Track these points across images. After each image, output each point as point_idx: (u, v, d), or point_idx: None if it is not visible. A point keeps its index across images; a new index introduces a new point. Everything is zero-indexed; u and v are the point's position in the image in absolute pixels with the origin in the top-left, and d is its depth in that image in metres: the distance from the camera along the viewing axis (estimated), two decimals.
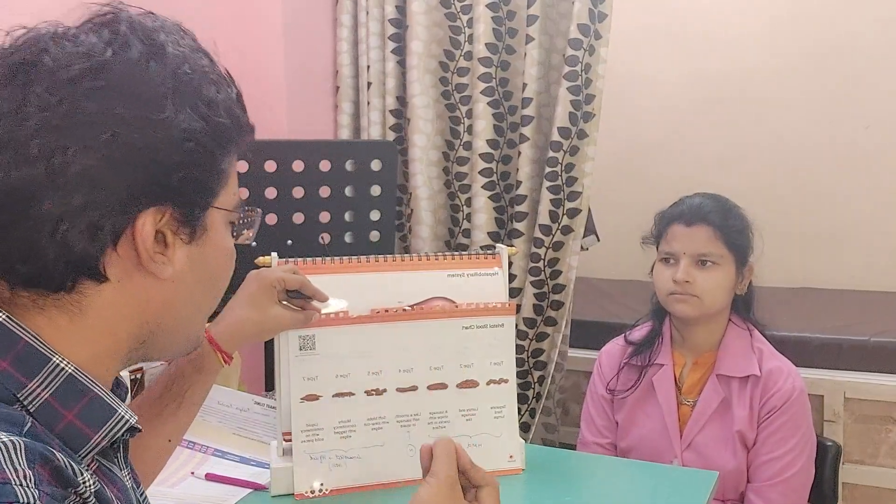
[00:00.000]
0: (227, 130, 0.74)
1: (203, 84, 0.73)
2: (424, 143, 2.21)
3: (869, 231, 3.20)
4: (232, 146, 0.76)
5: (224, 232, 0.78)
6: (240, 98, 0.78)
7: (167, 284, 0.73)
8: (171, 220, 0.71)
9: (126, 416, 0.72)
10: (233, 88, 0.77)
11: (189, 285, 0.75)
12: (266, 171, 1.76)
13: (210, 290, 0.79)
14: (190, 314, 0.78)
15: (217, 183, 0.75)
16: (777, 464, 1.63)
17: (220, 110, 0.73)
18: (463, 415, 1.37)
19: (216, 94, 0.73)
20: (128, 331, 0.73)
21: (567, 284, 2.15)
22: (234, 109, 0.76)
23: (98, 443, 0.69)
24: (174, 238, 0.72)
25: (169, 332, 0.76)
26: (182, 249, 0.73)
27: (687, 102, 3.40)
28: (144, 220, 0.69)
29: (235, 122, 0.75)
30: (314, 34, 2.27)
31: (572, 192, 2.09)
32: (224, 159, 0.75)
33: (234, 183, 0.79)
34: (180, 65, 0.71)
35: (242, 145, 0.78)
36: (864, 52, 3.15)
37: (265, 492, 1.32)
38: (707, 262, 1.65)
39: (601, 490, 1.41)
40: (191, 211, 0.72)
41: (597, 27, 2.02)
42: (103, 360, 0.72)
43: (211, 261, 0.77)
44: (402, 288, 1.37)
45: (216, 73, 0.76)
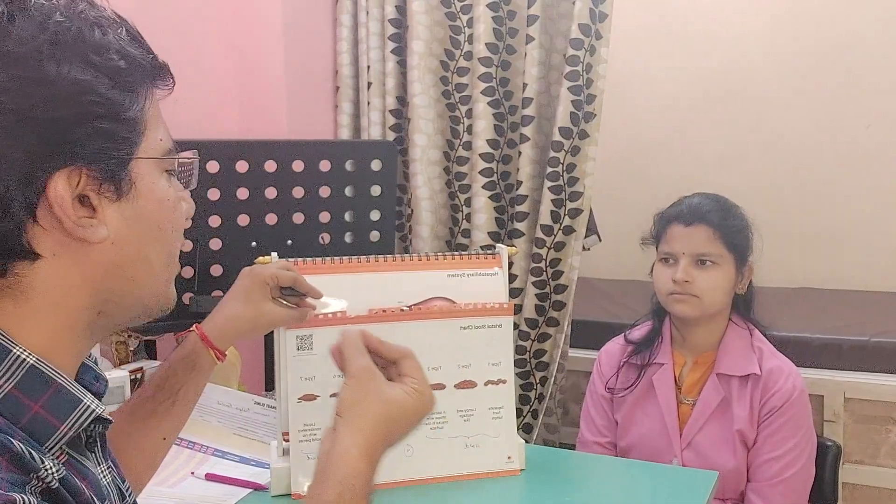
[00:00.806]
0: (125, 73, 0.69)
1: (84, 29, 0.67)
2: (425, 142, 2.21)
3: (869, 231, 3.19)
4: (139, 88, 0.71)
5: (159, 181, 0.74)
6: (135, 36, 0.73)
7: (106, 247, 0.70)
8: (90, 180, 0.67)
9: (92, 406, 0.70)
10: (122, 28, 0.71)
11: (131, 243, 0.71)
12: (266, 171, 1.76)
13: (158, 244, 0.75)
14: (143, 273, 0.74)
15: (132, 132, 0.70)
16: (777, 463, 1.63)
17: (110, 53, 0.68)
18: (461, 415, 1.37)
19: (102, 37, 0.68)
20: (79, 303, 0.70)
21: (569, 285, 2.14)
22: (129, 49, 0.70)
23: (65, 433, 0.68)
24: (99, 198, 0.68)
25: (126, 295, 0.73)
26: (111, 208, 0.69)
27: (687, 102, 3.40)
28: (56, 184, 0.65)
29: (133, 62, 0.70)
30: (314, 34, 2.27)
31: (574, 192, 2.09)
32: (132, 105, 0.70)
33: (156, 128, 0.74)
34: (49, 14, 0.66)
35: (155, 84, 0.74)
36: (864, 52, 3.15)
37: (265, 492, 1.32)
38: (706, 261, 1.65)
39: (601, 490, 1.41)
40: (108, 166, 0.68)
41: (597, 27, 2.02)
42: (62, 338, 0.70)
43: (149, 213, 0.73)
44: (401, 288, 1.37)
45: (99, 16, 0.70)
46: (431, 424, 1.36)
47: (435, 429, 1.36)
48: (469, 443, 1.37)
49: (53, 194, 0.65)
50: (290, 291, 1.22)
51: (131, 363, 1.65)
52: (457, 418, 1.37)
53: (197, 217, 1.73)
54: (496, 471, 1.37)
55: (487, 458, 1.37)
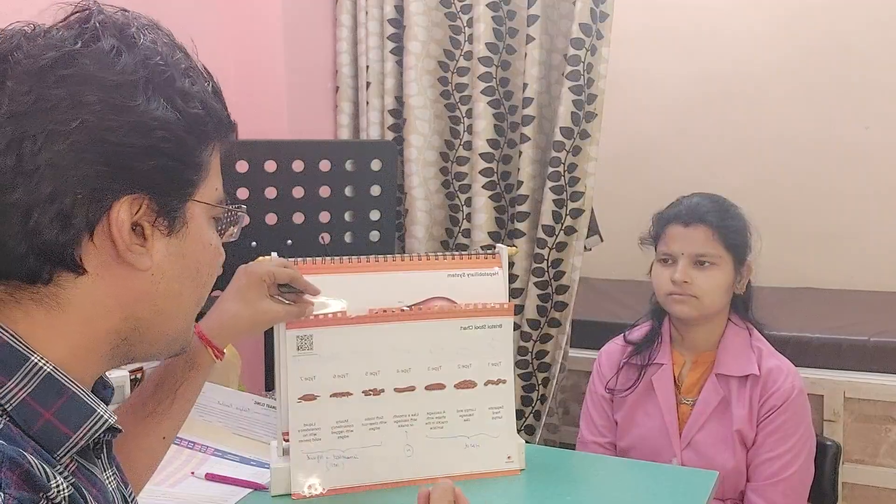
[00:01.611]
0: (202, 121, 0.73)
1: (177, 75, 0.72)
2: (421, 143, 2.21)
3: (869, 231, 3.19)
4: (209, 138, 0.75)
5: (206, 226, 0.77)
6: (217, 92, 0.78)
7: (146, 276, 0.72)
8: (148, 211, 0.70)
9: (105, 416, 0.71)
10: (210, 83, 0.76)
11: (169, 278, 0.74)
12: (266, 171, 1.76)
13: (193, 284, 0.77)
14: (173, 309, 0.76)
15: (195, 174, 0.74)
16: (776, 463, 1.63)
17: (194, 101, 0.72)
18: (461, 415, 1.37)
19: (191, 87, 0.73)
20: (108, 326, 0.72)
21: (570, 285, 2.14)
22: (211, 102, 0.75)
23: (77, 442, 0.68)
24: (152, 229, 0.71)
25: (152, 328, 0.75)
26: (161, 241, 0.72)
27: (688, 102, 3.40)
28: (119, 208, 0.68)
29: (212, 114, 0.75)
30: (314, 34, 2.27)
31: (575, 192, 2.09)
32: (201, 151, 0.74)
33: (215, 177, 0.78)
34: (152, 56, 0.71)
35: (223, 140, 0.78)
36: (864, 52, 3.15)
37: (265, 492, 1.32)
38: (705, 262, 1.65)
39: (601, 490, 1.41)
40: (168, 201, 0.72)
41: (598, 27, 2.02)
42: (82, 356, 0.71)
43: (192, 254, 0.76)
44: (402, 288, 1.37)
45: (191, 67, 0.75)
46: (432, 424, 1.36)
47: (435, 429, 1.36)
48: (469, 443, 1.37)
49: (115, 216, 0.68)
50: (288, 289, 1.22)
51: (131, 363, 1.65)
52: (457, 418, 1.37)
53: None
54: (496, 471, 1.37)
55: (487, 458, 1.37)
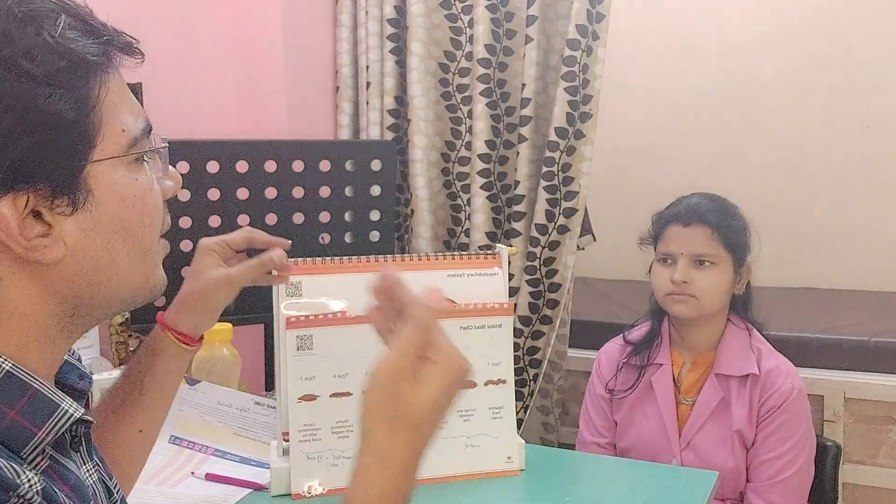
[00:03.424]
0: (66, 74, 0.61)
1: (11, 31, 0.59)
2: (425, 143, 2.21)
3: (869, 231, 3.19)
4: (88, 85, 0.63)
5: (121, 177, 0.67)
6: (82, 18, 0.64)
7: (65, 261, 0.64)
8: (40, 198, 0.61)
9: (70, 410, 0.67)
10: (61, 17, 0.62)
11: (92, 253, 0.66)
12: (266, 171, 1.76)
13: (125, 243, 0.68)
14: (110, 275, 0.68)
15: (82, 138, 0.63)
16: (776, 463, 1.63)
17: (45, 55, 0.60)
18: (461, 415, 1.37)
19: (35, 37, 0.60)
20: (46, 311, 0.66)
21: (563, 283, 2.15)
22: (71, 44, 0.62)
23: (43, 439, 0.64)
24: (52, 214, 0.62)
25: (97, 296, 0.68)
26: (68, 222, 0.63)
27: (686, 101, 3.40)
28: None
29: (78, 58, 0.62)
30: (314, 34, 2.27)
31: (569, 191, 2.09)
32: (80, 109, 0.62)
33: (117, 118, 0.66)
34: None
35: (113, 68, 0.66)
36: (864, 52, 3.15)
37: (265, 492, 1.32)
38: (704, 262, 1.65)
39: (601, 490, 1.41)
40: (59, 180, 0.62)
41: (595, 28, 2.03)
42: (32, 346, 0.66)
43: (112, 217, 0.66)
44: None
45: (30, 9, 0.61)
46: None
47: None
48: (469, 443, 1.37)
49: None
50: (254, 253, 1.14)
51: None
52: (457, 418, 1.36)
53: (197, 217, 1.74)
54: (496, 471, 1.37)
55: (487, 458, 1.37)
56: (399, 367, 0.74)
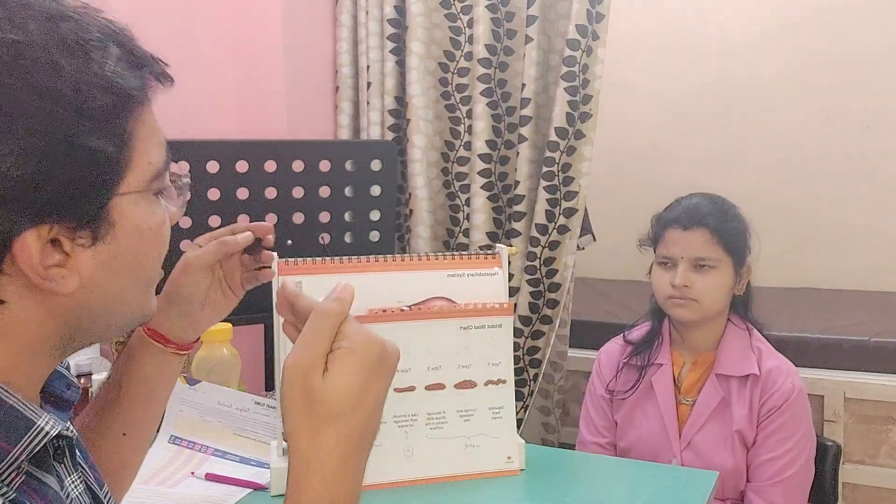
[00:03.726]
0: (110, 111, 0.60)
1: (61, 62, 0.57)
2: (424, 143, 2.21)
3: (869, 231, 3.20)
4: (124, 118, 0.62)
5: (142, 211, 0.66)
6: (127, 51, 0.62)
7: (75, 292, 0.63)
8: (63, 228, 0.60)
9: (46, 428, 0.63)
10: (111, 47, 0.61)
11: (104, 285, 0.65)
12: (266, 171, 1.76)
13: (135, 275, 0.68)
14: (117, 304, 0.68)
15: (113, 173, 0.62)
16: (777, 463, 1.63)
17: (92, 90, 0.59)
18: (461, 415, 1.37)
19: (83, 70, 0.58)
20: (44, 334, 0.65)
21: (563, 283, 2.15)
22: (115, 78, 0.60)
23: (17, 457, 0.61)
24: (72, 245, 0.61)
25: (97, 322, 0.67)
26: (85, 254, 0.62)
27: (687, 101, 3.40)
28: (23, 242, 0.58)
29: (121, 93, 0.61)
30: (314, 34, 2.27)
31: (569, 191, 2.09)
32: (117, 145, 0.61)
33: (146, 150, 0.64)
34: (22, 53, 0.56)
35: (149, 99, 0.65)
36: (864, 52, 3.15)
37: (265, 492, 1.32)
38: (705, 265, 1.65)
39: (601, 490, 1.41)
40: (85, 212, 0.61)
41: (594, 28, 2.03)
42: (22, 367, 0.64)
43: (127, 250, 0.65)
44: (402, 288, 1.37)
45: (83, 38, 0.59)
46: (431, 425, 1.36)
47: (435, 429, 1.36)
48: (469, 443, 1.36)
49: (20, 252, 0.58)
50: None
51: None
52: (457, 418, 1.36)
53: (197, 217, 1.74)
54: (496, 471, 1.37)
55: (487, 458, 1.37)
56: (307, 360, 0.69)
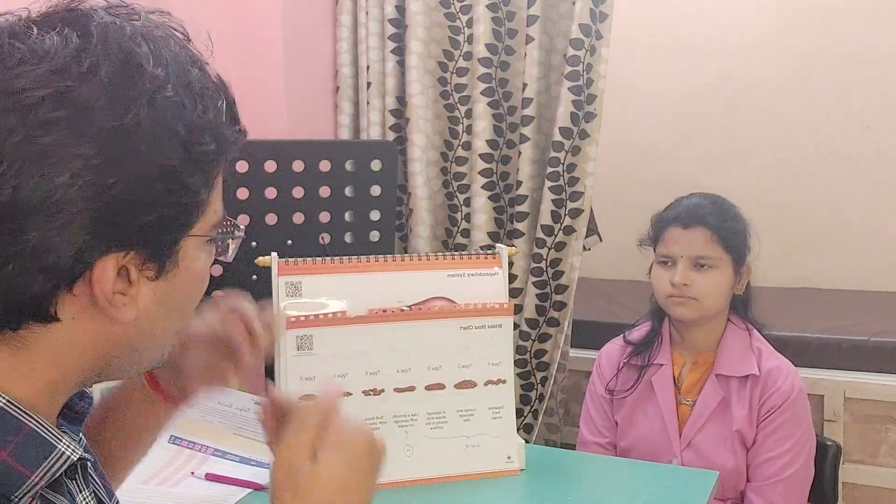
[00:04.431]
0: (210, 157, 0.64)
1: (188, 105, 0.62)
2: (424, 143, 2.21)
3: (869, 231, 3.19)
4: (217, 169, 0.66)
5: (199, 256, 0.68)
6: (231, 107, 0.67)
7: (128, 324, 0.64)
8: (137, 258, 0.62)
9: (67, 452, 0.63)
10: (223, 99, 0.66)
11: (153, 321, 0.66)
12: (266, 171, 1.76)
13: (176, 319, 0.70)
14: (152, 345, 0.69)
15: (195, 214, 0.65)
16: (776, 463, 1.63)
17: (204, 136, 0.63)
18: (461, 415, 1.37)
19: (202, 115, 0.63)
20: (79, 366, 0.65)
21: (569, 285, 2.14)
22: (222, 129, 0.65)
23: (37, 482, 0.61)
24: (139, 275, 0.63)
25: (127, 362, 0.69)
26: (147, 286, 0.64)
27: (688, 103, 3.40)
28: (105, 265, 0.60)
29: (223, 143, 0.65)
30: (314, 34, 2.27)
31: (574, 192, 2.09)
32: (206, 187, 0.65)
33: (215, 203, 0.68)
34: (161, 87, 0.60)
35: (231, 157, 0.68)
36: (864, 53, 3.15)
37: (265, 492, 1.32)
38: (704, 264, 1.65)
39: (601, 490, 1.41)
40: (161, 247, 0.63)
41: (598, 27, 2.02)
42: (47, 392, 0.65)
43: (180, 291, 0.67)
44: (402, 288, 1.37)
45: (206, 87, 0.64)
46: (432, 424, 1.36)
47: (435, 429, 1.36)
48: (469, 443, 1.37)
49: (99, 274, 0.60)
50: None
51: None
52: (457, 418, 1.37)
53: None
54: (496, 471, 1.37)
55: (487, 458, 1.37)
56: (295, 451, 0.71)
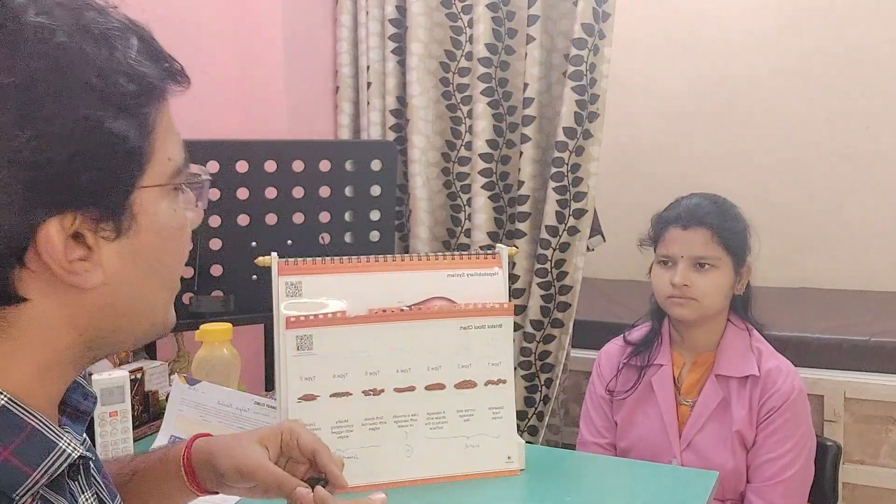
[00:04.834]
0: (133, 98, 0.61)
1: (87, 49, 0.58)
2: (423, 143, 2.21)
3: (869, 231, 3.19)
4: (146, 108, 0.62)
5: (164, 208, 0.66)
6: (148, 44, 0.64)
7: (100, 289, 0.63)
8: (86, 220, 0.60)
9: (68, 450, 0.63)
10: (132, 39, 0.62)
11: (128, 282, 0.64)
12: (266, 171, 1.76)
13: (158, 276, 0.68)
14: (139, 308, 0.67)
15: (136, 162, 0.62)
16: (776, 464, 1.63)
17: (117, 79, 0.60)
18: (461, 415, 1.37)
19: (109, 58, 0.59)
20: (66, 342, 0.64)
21: (574, 285, 2.14)
22: (139, 68, 0.61)
23: (37, 480, 0.60)
24: (95, 238, 0.61)
25: (118, 331, 0.67)
26: (109, 248, 0.62)
27: (689, 103, 3.40)
28: (46, 232, 0.58)
29: (144, 82, 0.62)
30: (314, 34, 2.27)
31: (578, 192, 2.09)
32: (139, 133, 0.62)
33: (165, 146, 0.65)
34: (48, 36, 0.57)
35: (168, 94, 0.66)
36: (864, 53, 3.15)
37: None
38: (705, 264, 1.65)
39: (601, 490, 1.41)
40: (108, 203, 0.61)
41: (601, 26, 2.02)
42: (41, 377, 0.64)
43: (150, 248, 0.65)
44: (402, 288, 1.37)
45: (109, 28, 0.61)
46: (432, 424, 1.36)
47: (435, 429, 1.36)
48: (469, 443, 1.37)
49: (43, 242, 0.58)
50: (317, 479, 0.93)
51: (131, 363, 1.65)
52: (457, 418, 1.37)
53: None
54: (496, 471, 1.37)
55: (487, 458, 1.37)
56: None
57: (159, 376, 1.65)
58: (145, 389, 1.60)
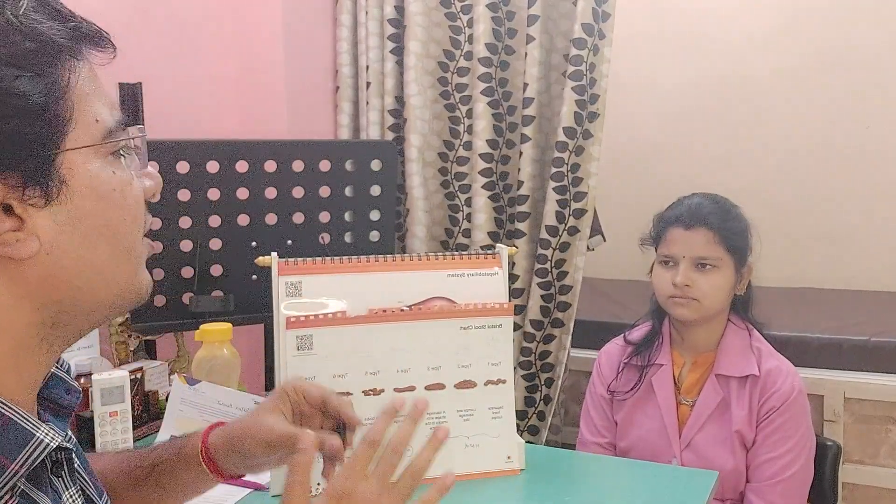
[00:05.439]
0: (33, 56, 0.58)
1: None
2: (421, 143, 2.21)
3: (869, 231, 3.19)
4: (57, 68, 0.60)
5: (99, 170, 0.63)
6: (43, 4, 0.61)
7: (41, 259, 0.61)
8: (9, 188, 0.58)
9: (46, 440, 0.61)
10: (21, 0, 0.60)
11: (70, 250, 0.62)
12: (266, 171, 1.76)
13: (107, 241, 0.65)
14: (96, 277, 0.65)
15: (52, 123, 0.60)
16: (776, 464, 1.63)
17: (12, 38, 0.57)
18: (461, 415, 1.37)
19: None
20: (23, 320, 0.62)
21: (574, 285, 2.14)
22: (37, 25, 0.59)
23: (15, 471, 0.59)
24: (23, 206, 0.59)
25: (79, 302, 0.64)
26: (40, 215, 0.60)
27: (689, 102, 3.40)
28: None
29: (44, 39, 0.59)
30: (314, 34, 2.27)
31: (578, 192, 2.09)
32: (48, 92, 0.59)
33: (90, 108, 0.63)
34: None
35: (83, 55, 0.63)
36: (864, 52, 3.15)
37: (265, 492, 1.32)
38: (706, 265, 1.65)
39: (601, 490, 1.41)
40: (28, 168, 0.58)
41: (601, 26, 2.02)
42: (11, 361, 0.62)
43: (90, 212, 0.62)
44: (402, 288, 1.37)
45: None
46: (431, 424, 1.36)
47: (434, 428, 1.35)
48: (469, 443, 1.37)
49: None
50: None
51: (131, 363, 1.65)
52: (457, 418, 1.37)
53: (197, 217, 1.74)
54: (496, 471, 1.37)
55: (487, 458, 1.37)
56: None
57: (159, 376, 1.65)
58: (145, 389, 1.60)
